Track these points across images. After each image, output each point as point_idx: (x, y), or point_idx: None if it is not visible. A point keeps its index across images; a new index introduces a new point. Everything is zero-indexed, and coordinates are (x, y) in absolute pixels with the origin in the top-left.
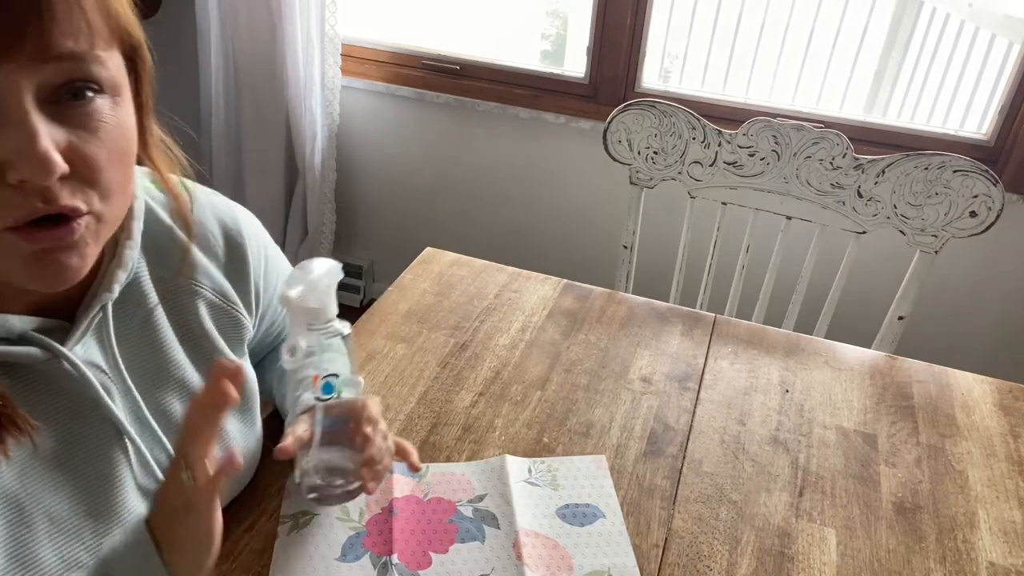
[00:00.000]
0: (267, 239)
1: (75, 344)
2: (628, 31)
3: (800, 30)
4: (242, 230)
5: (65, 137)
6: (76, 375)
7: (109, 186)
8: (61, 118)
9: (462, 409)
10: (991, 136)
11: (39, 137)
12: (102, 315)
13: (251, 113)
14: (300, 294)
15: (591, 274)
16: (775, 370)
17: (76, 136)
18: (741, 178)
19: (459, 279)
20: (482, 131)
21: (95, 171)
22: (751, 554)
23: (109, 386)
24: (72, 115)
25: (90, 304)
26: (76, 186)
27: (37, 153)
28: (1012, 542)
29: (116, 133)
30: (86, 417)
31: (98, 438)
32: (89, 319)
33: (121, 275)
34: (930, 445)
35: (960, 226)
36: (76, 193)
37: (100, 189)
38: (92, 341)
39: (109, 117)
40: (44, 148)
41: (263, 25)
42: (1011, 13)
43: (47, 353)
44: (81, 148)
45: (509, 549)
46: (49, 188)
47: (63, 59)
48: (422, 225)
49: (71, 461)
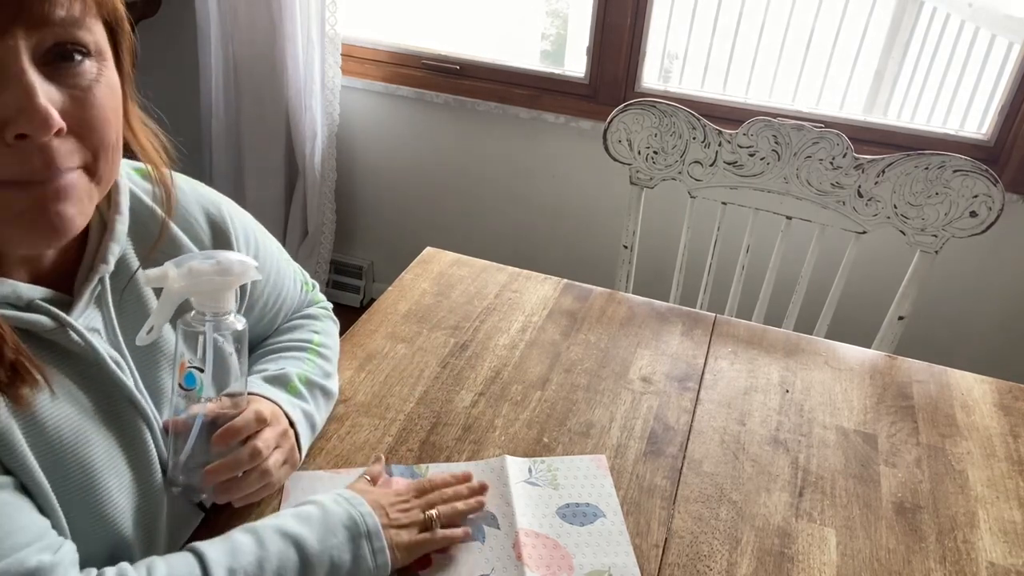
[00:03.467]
0: (254, 223)
1: (79, 315)
2: (628, 31)
3: (800, 30)
4: (225, 215)
5: (59, 97)
6: (83, 344)
7: (101, 143)
8: (54, 78)
9: (462, 409)
10: (991, 136)
11: (37, 94)
12: (101, 288)
13: (251, 113)
14: (174, 276)
15: (591, 274)
16: (775, 370)
17: (69, 96)
18: (741, 178)
19: (459, 279)
20: (482, 131)
21: (89, 129)
22: (751, 554)
23: (113, 354)
24: (64, 76)
25: (88, 276)
26: (71, 144)
27: (36, 109)
28: (1012, 542)
29: (105, 91)
30: (96, 380)
31: (107, 403)
32: (90, 291)
33: (115, 247)
34: (930, 445)
35: (960, 226)
36: (72, 152)
37: (93, 146)
38: (94, 312)
39: (99, 78)
40: (43, 104)
41: (263, 25)
42: (1011, 13)
43: (55, 322)
44: (74, 107)
45: (509, 549)
46: (47, 144)
47: (55, 24)
48: (422, 225)
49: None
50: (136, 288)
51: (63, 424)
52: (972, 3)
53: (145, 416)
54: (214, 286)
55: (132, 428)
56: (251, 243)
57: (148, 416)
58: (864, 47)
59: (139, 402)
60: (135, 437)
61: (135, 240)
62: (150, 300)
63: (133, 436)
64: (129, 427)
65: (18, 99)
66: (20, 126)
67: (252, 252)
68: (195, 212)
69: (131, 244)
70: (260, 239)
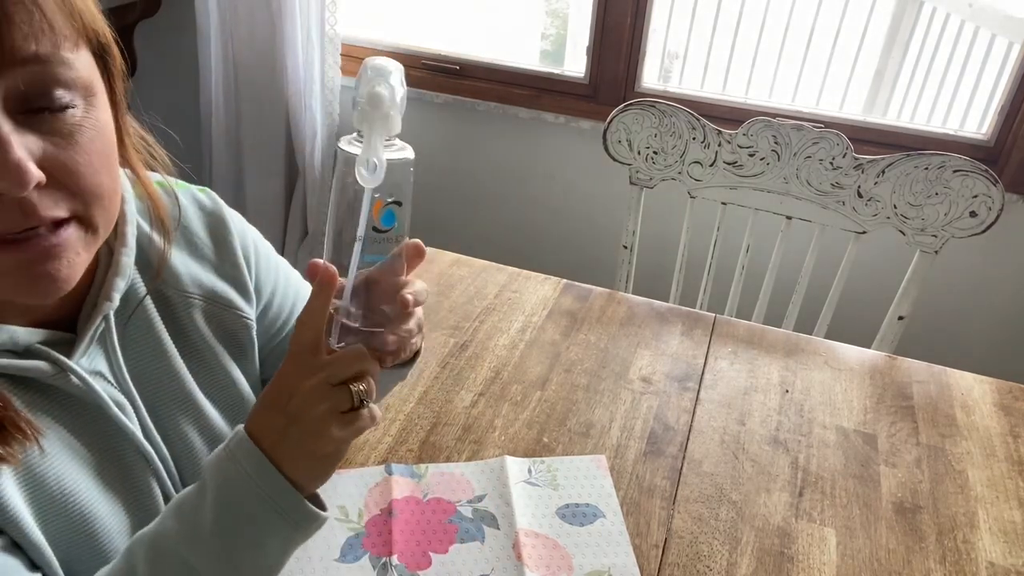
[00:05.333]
0: (255, 233)
1: (81, 356)
2: (628, 31)
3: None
4: (229, 227)
5: (40, 146)
6: (84, 388)
7: (93, 191)
8: (34, 126)
9: (462, 409)
10: (991, 136)
11: (11, 147)
12: (105, 325)
13: (251, 113)
14: (384, 94)
15: (591, 274)
16: (775, 370)
17: (51, 143)
18: (741, 178)
19: (459, 279)
20: (482, 131)
21: (75, 177)
22: (751, 554)
23: (117, 397)
24: (45, 122)
25: (91, 314)
26: (57, 195)
27: (10, 163)
28: (1012, 542)
29: (93, 135)
30: (99, 429)
31: (117, 448)
32: (92, 330)
33: (120, 283)
34: (930, 445)
35: (960, 226)
36: (59, 202)
37: (84, 195)
38: (98, 352)
39: (84, 120)
40: (17, 158)
41: (263, 25)
42: (1011, 13)
43: (54, 367)
44: (58, 155)
45: (509, 549)
46: (26, 199)
47: (27, 63)
48: (422, 225)
49: (84, 471)
50: (142, 318)
51: (64, 476)
52: (972, 3)
53: (152, 464)
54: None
55: (137, 476)
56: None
57: (155, 464)
58: (864, 47)
59: (145, 450)
60: (140, 486)
61: (139, 268)
62: (156, 328)
63: (138, 485)
64: (133, 475)
65: None
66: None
67: (256, 259)
68: (197, 229)
69: (137, 272)
70: (260, 246)
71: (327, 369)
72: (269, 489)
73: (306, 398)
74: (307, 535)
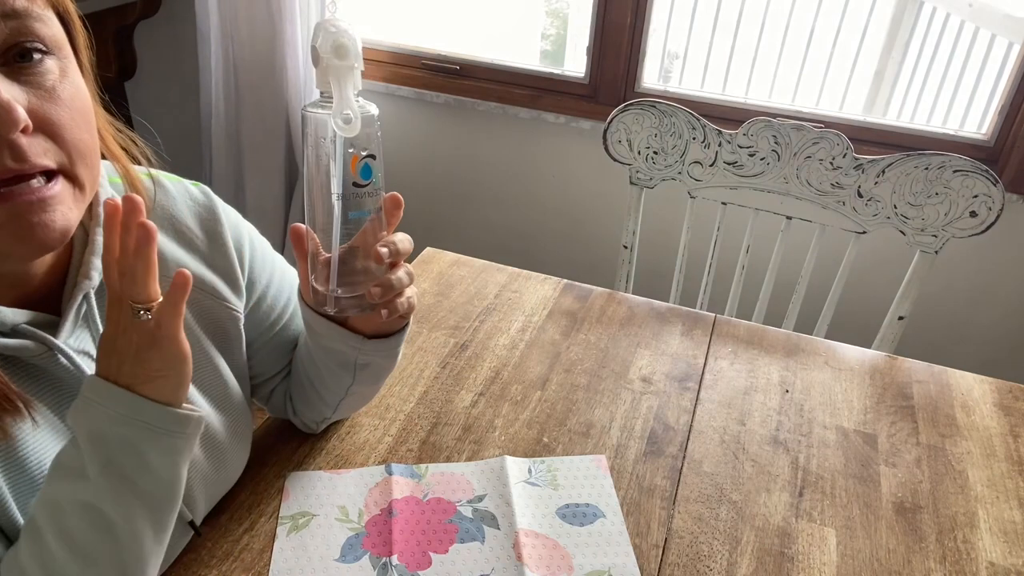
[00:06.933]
0: (250, 228)
1: (68, 336)
2: (628, 31)
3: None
4: (221, 220)
5: (24, 97)
6: (71, 368)
7: (77, 146)
8: (16, 78)
9: (462, 409)
10: (991, 136)
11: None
12: (87, 306)
13: (251, 113)
14: (349, 44)
15: (591, 274)
16: (775, 370)
17: (35, 95)
18: (741, 178)
19: (459, 279)
20: (482, 131)
21: (60, 129)
22: (751, 554)
23: None
24: (25, 76)
25: (72, 294)
26: (44, 145)
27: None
28: (1012, 542)
29: (72, 91)
30: None
31: None
32: (75, 309)
33: (96, 261)
34: (930, 445)
35: (960, 226)
36: (47, 152)
37: (68, 149)
38: (83, 332)
39: (63, 79)
40: (5, 97)
41: (263, 25)
42: (1011, 13)
43: (41, 346)
44: (42, 106)
45: (509, 549)
46: (16, 143)
47: (8, 17)
48: (422, 225)
49: None
50: None
51: (46, 455)
52: (972, 3)
53: None
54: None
55: None
56: (249, 243)
57: None
58: (864, 47)
59: None
60: None
61: None
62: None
63: None
64: None
65: None
66: None
67: (249, 252)
68: (187, 220)
69: None
70: (255, 238)
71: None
72: (127, 409)
73: (123, 337)
74: (188, 440)
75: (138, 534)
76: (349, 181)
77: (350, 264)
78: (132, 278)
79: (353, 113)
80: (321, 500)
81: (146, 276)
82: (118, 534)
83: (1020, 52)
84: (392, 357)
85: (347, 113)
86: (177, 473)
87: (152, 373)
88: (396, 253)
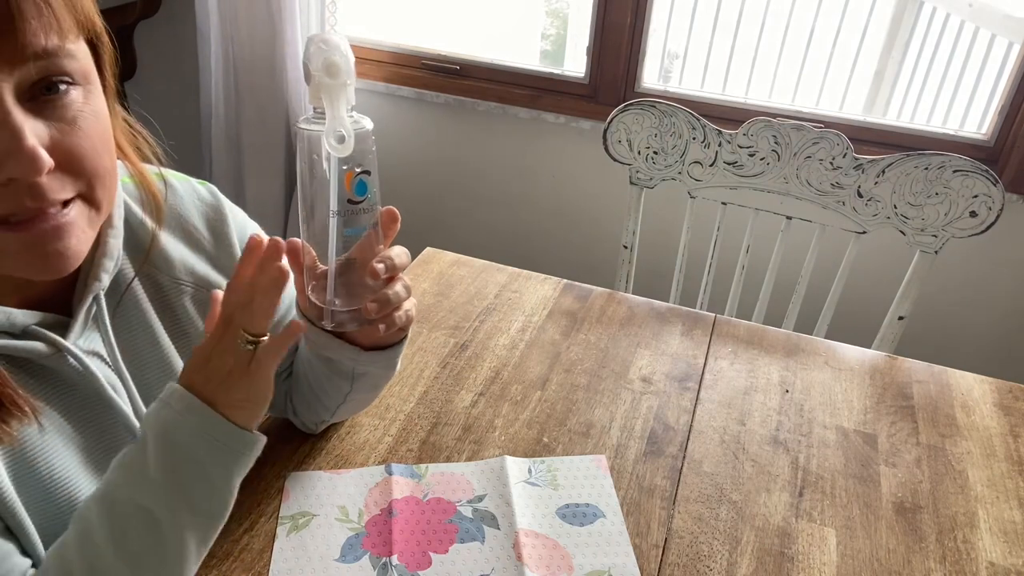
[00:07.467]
0: (256, 228)
1: (77, 337)
2: (628, 31)
3: (800, 30)
4: (228, 220)
5: (47, 132)
6: (81, 369)
7: (96, 172)
8: (39, 113)
9: (462, 409)
10: (991, 136)
11: (25, 135)
12: (97, 307)
13: (251, 113)
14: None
15: (591, 274)
16: (775, 370)
17: (57, 129)
18: (741, 178)
19: (459, 279)
20: (482, 131)
21: (80, 161)
22: (751, 554)
23: (112, 378)
24: (49, 109)
25: (83, 296)
26: (64, 179)
27: (25, 151)
28: (1012, 542)
29: (93, 120)
30: (92, 410)
31: (109, 430)
32: (85, 310)
33: (108, 264)
34: (930, 445)
35: (960, 226)
36: (65, 185)
37: (88, 177)
38: (93, 333)
39: (84, 107)
40: (31, 145)
41: (263, 25)
42: (1011, 13)
43: (51, 348)
44: (63, 141)
45: (509, 549)
46: (37, 183)
47: (38, 57)
48: (422, 225)
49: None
50: (132, 302)
51: (54, 460)
52: (972, 3)
53: None
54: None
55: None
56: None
57: None
58: (864, 47)
59: (136, 431)
60: None
61: (129, 252)
62: (147, 312)
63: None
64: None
65: (5, 142)
66: (9, 170)
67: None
68: (194, 219)
69: (126, 257)
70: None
71: (228, 332)
72: (202, 423)
73: (219, 358)
74: (247, 460)
75: (184, 543)
76: (344, 198)
77: (347, 278)
78: (251, 312)
79: (346, 132)
80: (321, 500)
81: (266, 313)
82: (166, 542)
83: (1020, 52)
84: (390, 368)
85: (340, 132)
86: (231, 490)
87: (234, 400)
88: (392, 268)
